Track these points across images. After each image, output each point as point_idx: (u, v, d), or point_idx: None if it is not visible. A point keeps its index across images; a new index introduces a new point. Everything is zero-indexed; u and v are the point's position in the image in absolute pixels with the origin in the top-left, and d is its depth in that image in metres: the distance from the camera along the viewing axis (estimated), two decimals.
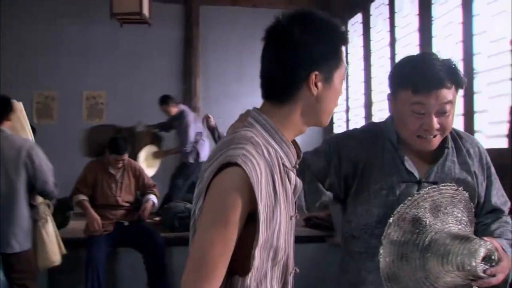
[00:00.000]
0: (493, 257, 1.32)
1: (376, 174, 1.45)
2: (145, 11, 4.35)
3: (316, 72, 1.08)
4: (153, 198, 3.82)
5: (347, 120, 6.42)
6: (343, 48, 1.14)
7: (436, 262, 1.33)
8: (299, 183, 1.15)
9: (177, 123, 5.25)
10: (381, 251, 1.38)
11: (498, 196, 1.54)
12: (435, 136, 1.40)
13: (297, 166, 1.17)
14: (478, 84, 3.66)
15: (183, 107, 5.42)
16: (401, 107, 1.41)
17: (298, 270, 1.18)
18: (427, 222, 1.39)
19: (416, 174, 1.45)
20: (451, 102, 1.37)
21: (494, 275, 1.32)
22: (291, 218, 1.11)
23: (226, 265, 1.00)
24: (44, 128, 5.71)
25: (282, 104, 1.10)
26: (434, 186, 1.42)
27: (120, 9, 4.25)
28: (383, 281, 1.39)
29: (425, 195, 1.39)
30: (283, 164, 1.09)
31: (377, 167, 1.46)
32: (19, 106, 3.05)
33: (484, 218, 1.53)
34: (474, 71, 3.68)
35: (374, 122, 1.64)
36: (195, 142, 5.14)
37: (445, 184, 1.42)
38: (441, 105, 1.35)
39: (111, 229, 3.61)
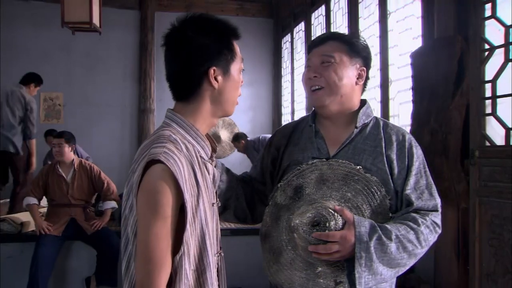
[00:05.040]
0: (327, 224, 1.29)
1: (292, 152, 1.52)
2: (95, 20, 4.43)
3: (214, 67, 1.14)
4: (112, 204, 4.03)
5: None
6: (235, 43, 1.20)
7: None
8: (217, 173, 1.23)
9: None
10: (266, 211, 1.47)
11: (416, 190, 1.43)
12: (319, 89, 1.47)
13: (214, 159, 1.25)
14: (391, 91, 4.12)
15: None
16: None
17: (223, 254, 1.24)
18: (307, 191, 1.40)
19: (325, 151, 1.48)
20: (333, 57, 1.46)
21: (324, 242, 1.29)
22: (212, 205, 1.18)
23: (170, 253, 1.04)
24: None
25: (190, 102, 1.16)
26: (324, 160, 1.44)
27: (70, 18, 4.28)
28: (260, 238, 1.46)
29: (313, 167, 1.42)
30: (200, 156, 1.15)
31: (294, 146, 1.53)
32: None
33: (399, 212, 1.44)
34: (389, 80, 4.15)
35: None
36: None
37: (337, 160, 1.43)
38: (322, 56, 1.48)
39: (63, 228, 3.83)
